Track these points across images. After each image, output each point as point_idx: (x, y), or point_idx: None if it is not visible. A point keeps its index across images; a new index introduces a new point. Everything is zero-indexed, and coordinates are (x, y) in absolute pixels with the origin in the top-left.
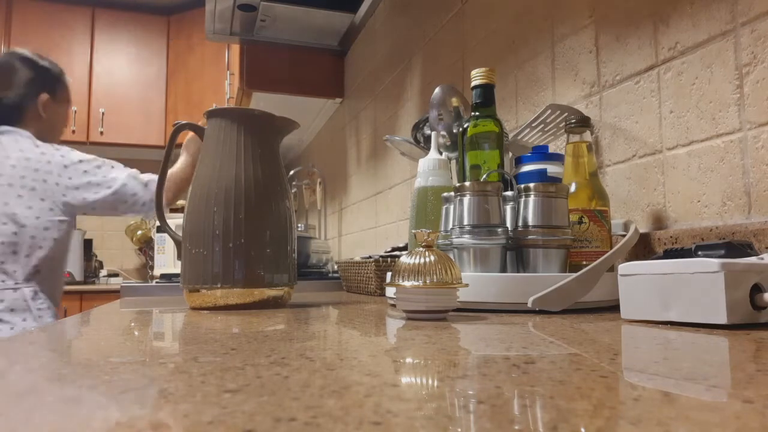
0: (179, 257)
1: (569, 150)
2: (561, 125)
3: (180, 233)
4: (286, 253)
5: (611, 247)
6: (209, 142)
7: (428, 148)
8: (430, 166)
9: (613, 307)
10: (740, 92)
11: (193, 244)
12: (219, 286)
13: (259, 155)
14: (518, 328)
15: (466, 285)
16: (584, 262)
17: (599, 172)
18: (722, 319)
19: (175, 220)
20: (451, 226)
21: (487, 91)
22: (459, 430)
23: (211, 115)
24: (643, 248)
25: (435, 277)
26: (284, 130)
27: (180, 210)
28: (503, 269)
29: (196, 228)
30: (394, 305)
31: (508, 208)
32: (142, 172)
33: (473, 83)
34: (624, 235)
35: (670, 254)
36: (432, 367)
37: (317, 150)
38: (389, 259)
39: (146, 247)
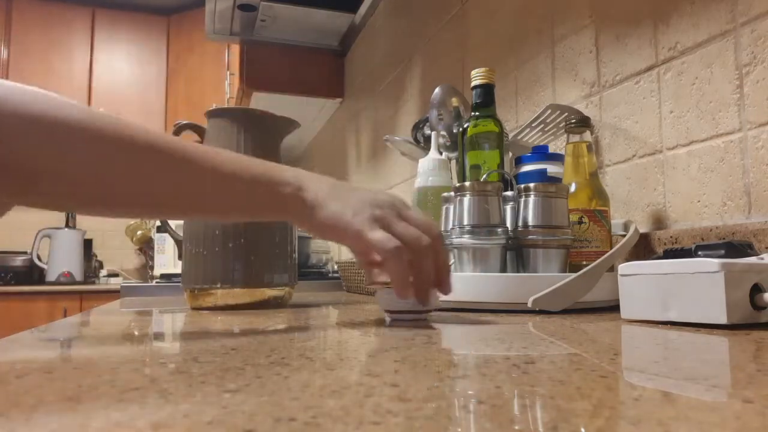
0: (180, 257)
1: (569, 150)
2: (561, 125)
3: (181, 233)
4: (287, 253)
5: (611, 247)
6: (210, 142)
7: (428, 148)
8: (430, 166)
9: (613, 307)
10: (740, 92)
11: (194, 244)
12: (219, 286)
13: (260, 156)
14: (518, 328)
15: None
16: (584, 262)
17: (599, 172)
18: (722, 319)
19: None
20: (451, 226)
21: (487, 91)
22: (459, 430)
23: (212, 115)
24: (643, 248)
25: None
26: (285, 129)
27: None
28: (503, 269)
29: (197, 228)
30: None
31: (508, 208)
32: None
33: (473, 83)
34: (624, 235)
35: (670, 254)
36: (432, 367)
37: (317, 150)
38: None
39: (146, 247)
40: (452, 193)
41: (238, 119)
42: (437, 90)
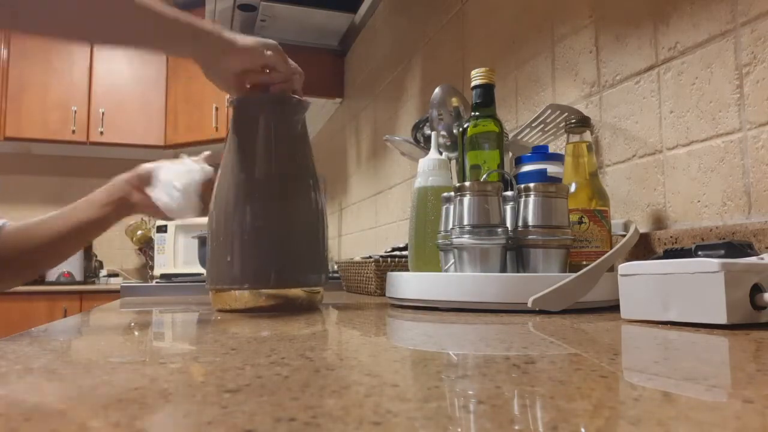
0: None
1: (569, 150)
2: (561, 125)
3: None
4: (318, 250)
5: (611, 247)
6: (233, 134)
7: (428, 148)
8: (430, 166)
9: (613, 307)
10: (740, 92)
11: (219, 243)
12: (246, 286)
13: (286, 145)
14: (518, 328)
15: None
16: (584, 262)
17: (599, 172)
18: (722, 319)
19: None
20: (451, 226)
21: (487, 91)
22: (459, 430)
23: (235, 104)
24: (643, 248)
25: None
26: (299, 111)
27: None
28: (503, 269)
29: (223, 226)
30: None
31: (508, 208)
32: None
33: (473, 83)
34: (624, 235)
35: (670, 254)
36: (432, 367)
37: (317, 150)
38: (389, 259)
39: (146, 247)
40: (452, 193)
41: (261, 107)
42: (437, 90)
